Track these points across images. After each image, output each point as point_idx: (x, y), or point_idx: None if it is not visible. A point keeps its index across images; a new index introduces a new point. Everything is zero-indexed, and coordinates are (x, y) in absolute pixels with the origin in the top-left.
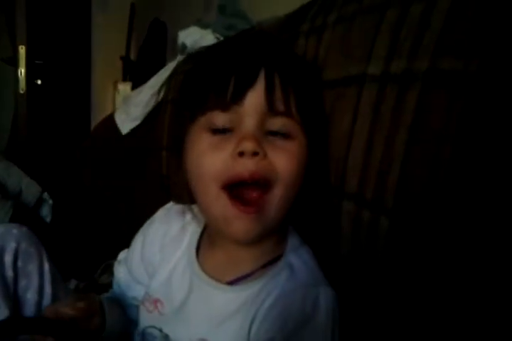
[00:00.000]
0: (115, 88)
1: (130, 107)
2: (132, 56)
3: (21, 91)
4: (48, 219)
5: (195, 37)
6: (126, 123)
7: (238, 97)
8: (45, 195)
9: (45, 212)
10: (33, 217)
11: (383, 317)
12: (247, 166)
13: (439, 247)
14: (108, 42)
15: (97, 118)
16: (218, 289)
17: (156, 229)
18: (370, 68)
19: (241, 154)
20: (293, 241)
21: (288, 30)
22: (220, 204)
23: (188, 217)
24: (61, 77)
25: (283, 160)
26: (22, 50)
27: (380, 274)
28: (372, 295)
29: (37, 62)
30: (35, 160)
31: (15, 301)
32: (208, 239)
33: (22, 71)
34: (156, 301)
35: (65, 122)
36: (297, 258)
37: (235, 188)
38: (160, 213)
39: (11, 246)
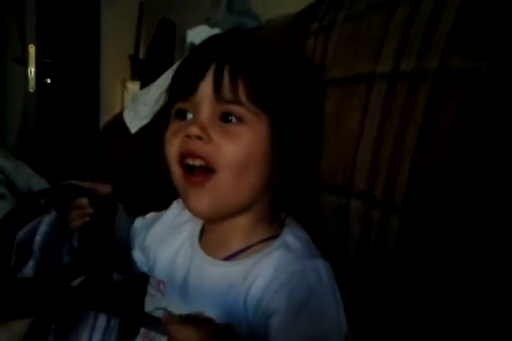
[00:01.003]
0: (124, 87)
1: (139, 106)
2: (141, 55)
3: (31, 90)
4: None
5: (203, 36)
6: (135, 122)
7: (192, 89)
8: None
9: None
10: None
11: (393, 317)
12: (189, 147)
13: (451, 246)
14: (117, 41)
15: (105, 116)
16: (213, 264)
17: (165, 216)
18: (379, 66)
19: (188, 137)
20: (290, 224)
21: (297, 28)
22: (180, 180)
23: None
24: (70, 75)
25: (229, 146)
26: (32, 49)
27: (390, 274)
28: (381, 295)
29: (46, 60)
30: (44, 159)
31: None
32: (205, 225)
33: (32, 70)
34: (159, 283)
35: (74, 121)
36: (294, 238)
37: (188, 166)
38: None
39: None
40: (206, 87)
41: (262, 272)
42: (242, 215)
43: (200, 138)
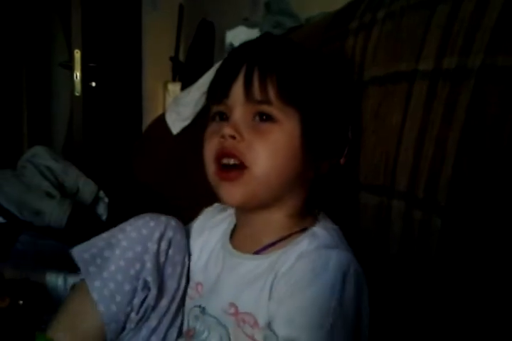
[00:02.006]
0: (165, 88)
1: (180, 107)
2: (181, 57)
3: (77, 94)
4: (104, 217)
5: (242, 36)
6: (176, 123)
7: (225, 92)
8: (101, 193)
9: (101, 210)
10: (90, 215)
11: (434, 317)
12: (224, 145)
13: (495, 248)
14: (158, 44)
15: (148, 118)
16: (244, 258)
17: (200, 221)
18: (421, 64)
19: (223, 137)
20: (323, 220)
21: (336, 27)
22: (213, 176)
23: (229, 211)
24: (114, 79)
25: (259, 143)
26: (77, 54)
27: (433, 274)
28: (423, 295)
29: (91, 65)
30: (90, 160)
31: (160, 285)
32: (237, 222)
33: (77, 74)
34: (197, 284)
35: (118, 122)
36: (322, 228)
37: (224, 165)
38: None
39: (168, 234)
40: (238, 90)
41: (286, 262)
42: (275, 209)
43: (233, 137)
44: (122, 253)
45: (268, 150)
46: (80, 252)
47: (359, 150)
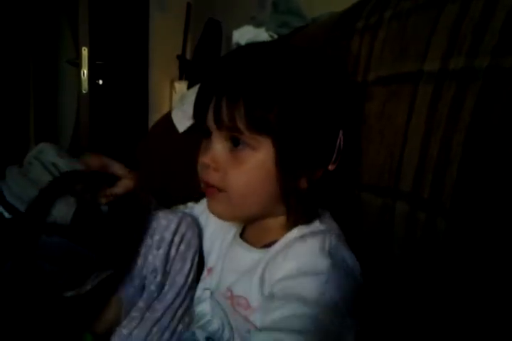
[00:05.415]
0: (172, 87)
1: (186, 106)
2: (188, 55)
3: (84, 91)
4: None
5: (249, 35)
6: (183, 122)
7: (202, 120)
8: None
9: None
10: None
11: (437, 319)
12: (204, 176)
13: (500, 250)
14: (165, 42)
15: (154, 115)
16: (248, 251)
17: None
18: (426, 65)
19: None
20: (323, 217)
21: (342, 27)
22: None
23: None
24: (121, 76)
25: (233, 172)
26: (85, 52)
27: (437, 277)
28: (428, 297)
29: (98, 62)
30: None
31: (165, 275)
32: None
33: (84, 72)
34: (209, 269)
35: (125, 120)
36: (318, 221)
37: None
38: None
39: (182, 230)
40: (210, 120)
41: (281, 251)
42: (271, 217)
43: (209, 166)
44: (144, 239)
45: (241, 177)
46: None
47: (364, 151)
